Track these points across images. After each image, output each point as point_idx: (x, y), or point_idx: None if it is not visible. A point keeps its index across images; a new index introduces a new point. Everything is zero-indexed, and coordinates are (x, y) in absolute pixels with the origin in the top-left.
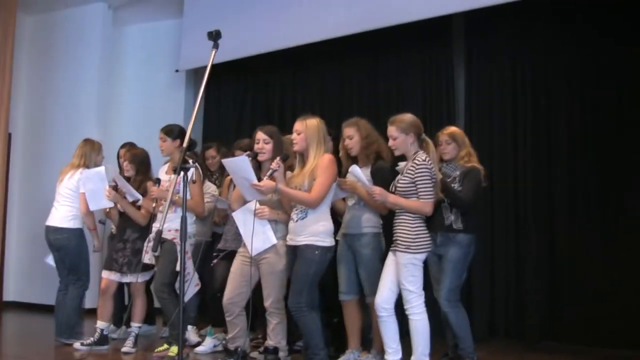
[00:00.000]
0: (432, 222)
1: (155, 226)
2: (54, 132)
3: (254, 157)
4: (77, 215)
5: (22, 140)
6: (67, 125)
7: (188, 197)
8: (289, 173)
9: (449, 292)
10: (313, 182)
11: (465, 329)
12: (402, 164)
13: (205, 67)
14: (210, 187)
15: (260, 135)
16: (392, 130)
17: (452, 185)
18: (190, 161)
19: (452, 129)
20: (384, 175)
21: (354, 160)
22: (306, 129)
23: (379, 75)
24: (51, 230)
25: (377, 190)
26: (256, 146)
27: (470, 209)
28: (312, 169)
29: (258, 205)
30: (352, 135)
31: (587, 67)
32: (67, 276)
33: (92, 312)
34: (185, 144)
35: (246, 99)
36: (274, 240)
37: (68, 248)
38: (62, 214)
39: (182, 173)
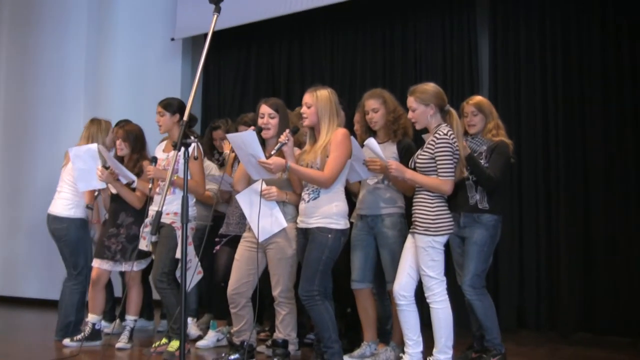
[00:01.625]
0: (455, 201)
1: (153, 209)
2: (38, 111)
3: (258, 132)
4: (79, 203)
5: (2, 123)
6: (52, 103)
7: (188, 176)
8: (297, 150)
9: (473, 278)
10: (326, 159)
11: (492, 319)
12: (426, 135)
13: (204, 35)
14: (210, 167)
15: (264, 109)
16: (411, 101)
17: (479, 160)
18: (192, 137)
19: (479, 98)
20: (412, 153)
21: (373, 134)
22: (317, 101)
23: (395, 42)
24: (51, 219)
25: (394, 164)
26: (260, 121)
27: (497, 188)
28: (324, 144)
29: (265, 186)
30: (377, 108)
31: (625, 25)
32: (68, 269)
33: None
34: (185, 117)
35: (249, 69)
36: (284, 223)
37: (67, 239)
38: (63, 202)
39: (182, 149)
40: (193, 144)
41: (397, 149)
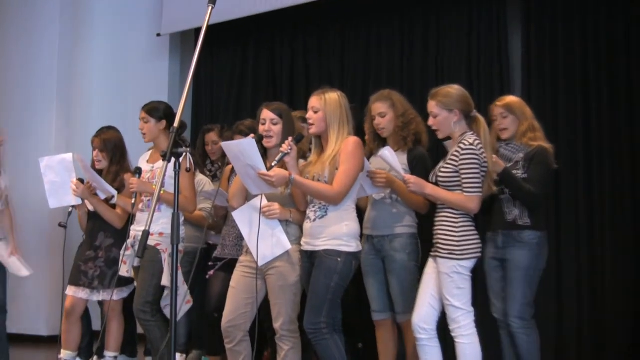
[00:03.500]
0: (491, 218)
1: (135, 229)
2: (1, 117)
3: (258, 140)
4: None
5: None
6: (18, 108)
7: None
8: (301, 161)
9: (523, 308)
10: (335, 171)
11: (536, 356)
12: (449, 142)
13: (195, 30)
14: (202, 182)
15: (266, 114)
16: (432, 106)
17: (515, 171)
18: (183, 146)
19: (509, 98)
20: (426, 165)
21: (384, 143)
22: (325, 106)
23: (415, 38)
24: None
25: (412, 178)
26: (261, 128)
27: (541, 203)
28: (333, 155)
29: (265, 202)
30: (385, 112)
31: None
32: None
33: (53, 341)
34: (176, 123)
35: (247, 69)
36: (288, 245)
37: None
38: None
39: (172, 160)
40: (185, 154)
41: (408, 159)
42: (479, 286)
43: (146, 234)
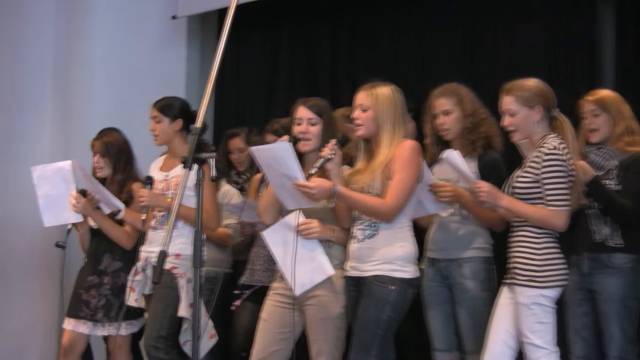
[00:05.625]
0: (574, 237)
1: (146, 250)
2: None
3: (293, 144)
4: None
5: None
6: (6, 105)
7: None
8: (345, 168)
9: (624, 347)
10: (388, 181)
11: None
12: (524, 142)
13: (217, 11)
14: (230, 194)
15: (302, 112)
16: (508, 102)
17: (606, 181)
18: (207, 151)
19: (603, 92)
20: (501, 173)
21: (446, 147)
22: (376, 103)
23: (479, 21)
24: None
25: (486, 186)
26: (297, 129)
27: (637, 221)
28: (386, 162)
29: (302, 218)
30: (450, 110)
31: None
32: None
33: None
34: (199, 123)
35: (280, 59)
36: (330, 271)
37: None
38: None
39: (195, 167)
40: (209, 160)
41: (478, 166)
42: (566, 320)
43: (163, 254)
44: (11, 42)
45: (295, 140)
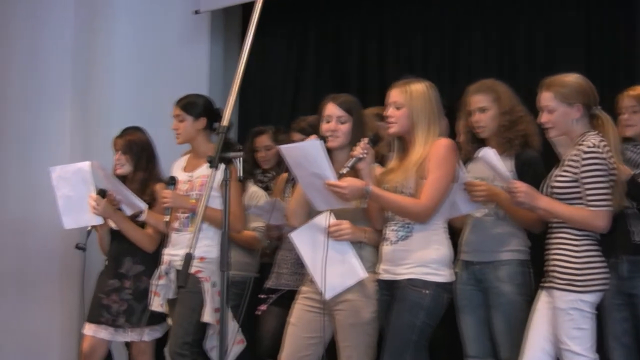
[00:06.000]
0: (612, 239)
1: (170, 253)
2: (5, 114)
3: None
4: None
5: None
6: (25, 102)
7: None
8: (377, 167)
9: None
10: (422, 181)
11: None
12: (561, 138)
13: (241, 6)
14: (258, 196)
15: (331, 109)
16: (547, 98)
17: None
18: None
19: None
20: (538, 172)
21: (481, 145)
22: (410, 100)
23: (514, 12)
24: None
25: (523, 186)
26: (325, 126)
27: None
28: (420, 161)
29: (333, 219)
30: (486, 106)
31: None
32: None
33: None
34: (225, 121)
35: (307, 54)
36: (362, 274)
37: None
38: None
39: (221, 166)
40: (237, 160)
41: (515, 165)
42: (605, 326)
43: (190, 257)
44: (30, 40)
45: (322, 139)
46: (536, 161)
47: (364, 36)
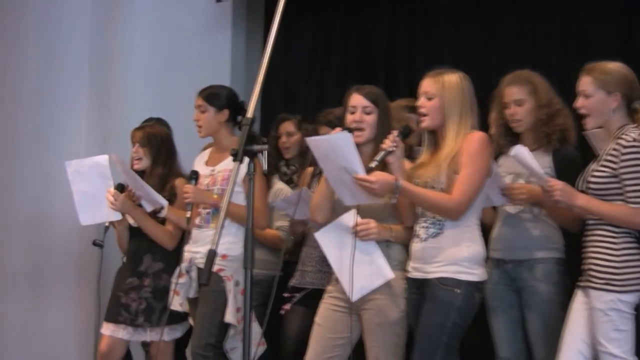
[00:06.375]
0: None
1: (190, 250)
2: (20, 105)
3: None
4: None
5: None
6: (40, 95)
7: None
8: (406, 162)
9: None
10: (455, 176)
11: None
12: (596, 131)
13: None
14: (283, 192)
15: (357, 99)
16: (586, 82)
17: None
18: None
19: None
20: (577, 168)
21: (515, 139)
22: (442, 91)
23: (548, 2)
24: None
25: (559, 184)
26: (350, 117)
27: None
28: (452, 154)
29: (359, 218)
30: (523, 99)
31: None
32: None
33: None
34: (250, 113)
35: (332, 45)
36: (390, 274)
37: None
38: None
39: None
40: (261, 153)
41: (553, 161)
42: None
43: (213, 254)
44: (47, 30)
45: (349, 131)
46: (575, 158)
47: (391, 24)
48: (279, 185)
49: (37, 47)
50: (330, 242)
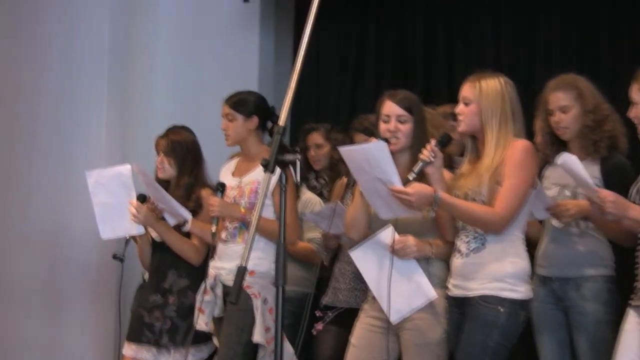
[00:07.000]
0: None
1: (216, 266)
2: (38, 111)
3: None
4: None
5: None
6: (58, 99)
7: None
8: (446, 172)
9: None
10: (497, 187)
11: None
12: None
13: None
14: (313, 202)
15: (390, 107)
16: (638, 90)
17: None
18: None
19: None
20: (628, 178)
21: (562, 149)
22: (480, 96)
23: (590, 5)
24: None
25: (611, 196)
26: (384, 126)
27: None
28: (494, 165)
29: (397, 235)
30: (569, 105)
31: None
32: None
33: None
34: (282, 122)
35: (366, 49)
36: (432, 294)
37: None
38: None
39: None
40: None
41: (601, 170)
42: None
43: (243, 270)
44: (65, 33)
45: (385, 141)
46: (625, 166)
47: (429, 25)
48: (308, 195)
49: (55, 52)
50: (367, 261)
